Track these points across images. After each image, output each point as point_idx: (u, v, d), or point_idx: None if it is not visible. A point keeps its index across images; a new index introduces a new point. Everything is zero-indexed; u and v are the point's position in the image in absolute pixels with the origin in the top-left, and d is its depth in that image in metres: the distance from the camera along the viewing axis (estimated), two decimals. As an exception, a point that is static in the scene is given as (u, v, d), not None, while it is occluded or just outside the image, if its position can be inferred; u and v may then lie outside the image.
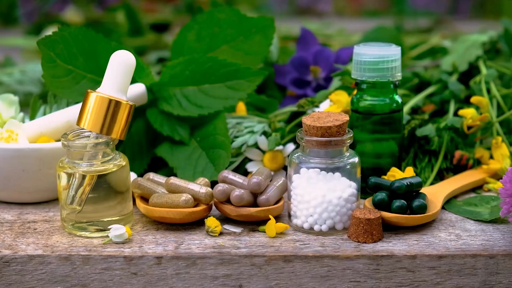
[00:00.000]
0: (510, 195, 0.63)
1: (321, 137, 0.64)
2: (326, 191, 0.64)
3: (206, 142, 0.76)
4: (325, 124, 0.64)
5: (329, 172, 0.65)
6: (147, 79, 0.78)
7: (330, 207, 0.64)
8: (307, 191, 0.65)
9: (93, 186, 0.65)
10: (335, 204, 0.64)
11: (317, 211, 0.65)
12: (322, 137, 0.64)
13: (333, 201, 0.64)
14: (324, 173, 0.65)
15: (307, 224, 0.65)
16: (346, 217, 0.65)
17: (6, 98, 0.78)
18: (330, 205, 0.64)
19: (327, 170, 0.65)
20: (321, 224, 0.65)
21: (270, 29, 0.82)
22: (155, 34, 1.39)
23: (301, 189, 0.65)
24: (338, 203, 0.64)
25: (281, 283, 0.62)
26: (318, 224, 0.65)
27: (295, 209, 0.66)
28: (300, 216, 0.66)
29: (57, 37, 0.74)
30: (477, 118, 0.76)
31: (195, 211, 0.66)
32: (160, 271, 0.62)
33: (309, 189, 0.65)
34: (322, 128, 0.64)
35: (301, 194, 0.65)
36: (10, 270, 0.62)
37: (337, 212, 0.65)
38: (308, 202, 0.65)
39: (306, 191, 0.65)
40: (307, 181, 0.65)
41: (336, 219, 0.65)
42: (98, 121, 0.65)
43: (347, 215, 0.65)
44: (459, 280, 0.62)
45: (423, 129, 0.78)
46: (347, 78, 0.83)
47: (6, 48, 1.34)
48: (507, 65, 0.91)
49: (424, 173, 0.77)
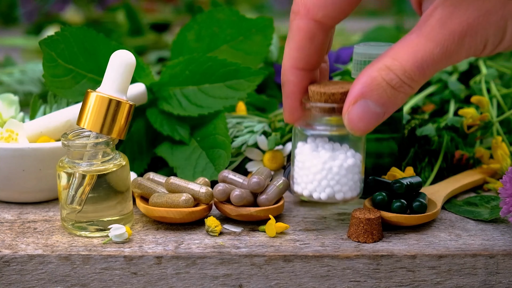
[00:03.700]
0: (510, 195, 0.63)
1: (325, 103, 0.62)
2: (327, 158, 0.62)
3: (206, 142, 0.76)
4: (330, 90, 0.61)
5: (333, 142, 0.63)
6: (147, 79, 0.78)
7: (330, 175, 0.63)
8: (308, 157, 0.63)
9: (93, 185, 0.65)
10: (335, 173, 0.63)
11: (316, 178, 0.63)
12: (325, 103, 0.62)
13: (333, 169, 0.63)
14: (327, 140, 0.63)
15: (307, 191, 0.64)
16: (346, 187, 0.63)
17: (6, 98, 0.78)
18: (330, 173, 0.63)
19: (331, 138, 0.63)
20: (320, 192, 0.63)
21: (269, 29, 0.82)
22: (155, 34, 1.39)
23: (303, 155, 0.63)
24: (338, 172, 0.63)
25: (281, 282, 0.62)
26: (317, 191, 0.63)
27: (297, 175, 0.64)
28: (300, 183, 0.64)
29: (58, 37, 0.74)
30: (477, 118, 0.76)
31: (195, 211, 0.66)
32: (160, 271, 0.62)
33: (311, 156, 0.63)
34: (326, 94, 0.61)
35: (302, 161, 0.64)
36: (10, 269, 0.62)
37: (337, 181, 0.63)
38: (309, 169, 0.63)
39: (307, 158, 0.63)
40: (310, 148, 0.63)
41: (336, 188, 0.63)
42: (98, 121, 0.65)
43: (348, 185, 0.63)
44: (459, 280, 0.62)
45: (423, 129, 0.78)
46: (347, 78, 0.83)
47: (6, 48, 1.34)
48: (507, 65, 0.91)
49: (424, 173, 0.77)
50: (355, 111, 0.57)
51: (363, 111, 0.56)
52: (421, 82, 0.56)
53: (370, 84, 0.56)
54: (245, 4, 1.66)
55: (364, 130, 0.57)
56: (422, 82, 0.56)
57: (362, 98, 0.56)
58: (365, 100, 0.56)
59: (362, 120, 0.57)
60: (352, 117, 0.57)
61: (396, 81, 0.55)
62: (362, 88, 0.56)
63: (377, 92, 0.56)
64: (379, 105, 0.56)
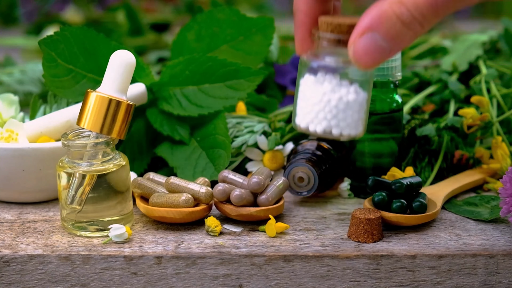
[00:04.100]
0: (510, 195, 0.63)
1: (331, 33, 0.60)
2: (328, 90, 0.60)
3: (206, 142, 0.76)
4: (338, 21, 0.59)
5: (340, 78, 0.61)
6: (147, 79, 0.78)
7: (328, 108, 0.60)
8: (310, 88, 0.61)
9: (93, 185, 0.65)
10: (333, 106, 0.60)
11: (314, 109, 0.61)
12: (332, 33, 0.60)
13: (332, 102, 0.60)
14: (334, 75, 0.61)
15: (304, 122, 0.61)
16: (344, 124, 0.61)
17: (6, 98, 0.78)
18: (328, 106, 0.60)
19: (337, 71, 0.61)
20: (316, 124, 0.61)
21: (270, 29, 0.82)
22: (155, 34, 1.39)
23: (306, 86, 0.61)
24: (336, 105, 0.60)
25: (281, 282, 0.62)
26: (314, 123, 0.61)
27: (298, 107, 0.62)
28: (299, 114, 0.62)
29: (58, 37, 0.74)
30: (477, 118, 0.76)
31: (195, 211, 0.66)
32: (160, 271, 0.62)
33: (313, 87, 0.61)
34: (333, 24, 0.59)
35: (304, 91, 0.61)
36: (10, 269, 0.62)
37: (334, 115, 0.60)
38: (308, 100, 0.61)
39: (309, 89, 0.61)
40: (314, 80, 0.61)
41: (333, 123, 0.60)
42: (98, 121, 0.65)
43: (346, 122, 0.61)
44: (459, 280, 0.62)
45: (423, 129, 0.78)
46: (347, 78, 0.83)
47: (6, 48, 1.34)
48: (507, 65, 0.91)
49: (424, 173, 0.77)
50: (362, 43, 0.55)
51: (369, 44, 0.55)
52: (432, 22, 0.54)
53: (380, 17, 0.54)
54: (245, 4, 1.66)
55: (368, 64, 0.56)
56: (433, 21, 0.54)
57: (370, 30, 0.55)
58: (372, 33, 0.55)
59: (367, 54, 0.55)
60: (357, 49, 0.56)
61: (407, 16, 0.54)
62: (371, 20, 0.54)
63: (386, 25, 0.54)
64: (386, 40, 0.55)
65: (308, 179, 0.71)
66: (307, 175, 0.71)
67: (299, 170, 0.71)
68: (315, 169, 0.71)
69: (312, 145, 0.74)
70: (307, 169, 0.71)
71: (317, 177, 0.71)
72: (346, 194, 0.74)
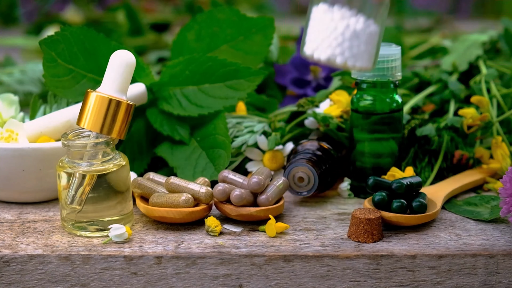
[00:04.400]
0: (510, 195, 0.63)
1: None
2: (336, 18, 0.59)
3: (206, 142, 0.76)
4: None
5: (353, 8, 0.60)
6: (147, 79, 0.78)
7: (333, 35, 0.59)
8: (320, 15, 0.60)
9: (93, 185, 0.65)
10: (340, 33, 0.59)
11: (320, 36, 0.60)
12: None
13: (338, 29, 0.59)
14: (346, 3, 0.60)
15: (310, 50, 0.61)
16: (349, 53, 0.60)
17: (6, 98, 0.78)
18: (334, 33, 0.59)
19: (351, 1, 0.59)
20: (321, 51, 0.60)
21: (270, 29, 0.82)
22: (155, 34, 1.39)
23: (317, 13, 0.60)
24: (343, 32, 0.59)
25: (281, 282, 0.62)
26: (319, 50, 0.60)
27: (307, 35, 0.61)
28: (307, 42, 0.61)
29: (58, 37, 0.74)
30: (477, 118, 0.76)
31: (195, 211, 0.66)
32: (160, 271, 0.62)
33: (323, 14, 0.60)
34: None
35: (314, 18, 0.61)
36: (10, 269, 0.62)
37: (340, 43, 0.59)
38: (316, 26, 0.60)
39: (319, 16, 0.60)
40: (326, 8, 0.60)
41: (337, 51, 0.60)
42: (98, 121, 0.65)
43: (352, 51, 0.60)
44: (459, 280, 0.62)
45: (423, 129, 0.78)
46: (347, 78, 0.83)
47: (6, 48, 1.34)
48: (507, 65, 0.91)
49: (424, 173, 0.77)
50: None
51: None
52: None
53: None
54: (245, 4, 1.66)
55: None
56: None
57: None
58: None
59: None
60: None
61: None
62: None
63: None
64: None
65: (308, 179, 0.71)
66: (307, 175, 0.71)
67: (299, 170, 0.71)
68: (315, 169, 0.71)
69: (312, 145, 0.74)
70: (307, 169, 0.71)
71: (317, 177, 0.71)
72: (346, 194, 0.74)
